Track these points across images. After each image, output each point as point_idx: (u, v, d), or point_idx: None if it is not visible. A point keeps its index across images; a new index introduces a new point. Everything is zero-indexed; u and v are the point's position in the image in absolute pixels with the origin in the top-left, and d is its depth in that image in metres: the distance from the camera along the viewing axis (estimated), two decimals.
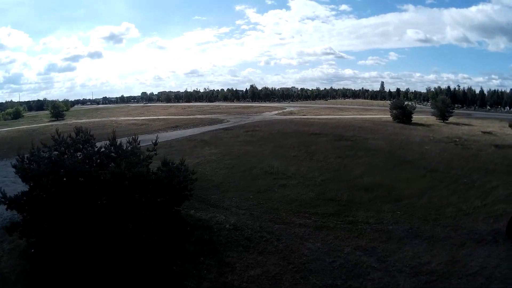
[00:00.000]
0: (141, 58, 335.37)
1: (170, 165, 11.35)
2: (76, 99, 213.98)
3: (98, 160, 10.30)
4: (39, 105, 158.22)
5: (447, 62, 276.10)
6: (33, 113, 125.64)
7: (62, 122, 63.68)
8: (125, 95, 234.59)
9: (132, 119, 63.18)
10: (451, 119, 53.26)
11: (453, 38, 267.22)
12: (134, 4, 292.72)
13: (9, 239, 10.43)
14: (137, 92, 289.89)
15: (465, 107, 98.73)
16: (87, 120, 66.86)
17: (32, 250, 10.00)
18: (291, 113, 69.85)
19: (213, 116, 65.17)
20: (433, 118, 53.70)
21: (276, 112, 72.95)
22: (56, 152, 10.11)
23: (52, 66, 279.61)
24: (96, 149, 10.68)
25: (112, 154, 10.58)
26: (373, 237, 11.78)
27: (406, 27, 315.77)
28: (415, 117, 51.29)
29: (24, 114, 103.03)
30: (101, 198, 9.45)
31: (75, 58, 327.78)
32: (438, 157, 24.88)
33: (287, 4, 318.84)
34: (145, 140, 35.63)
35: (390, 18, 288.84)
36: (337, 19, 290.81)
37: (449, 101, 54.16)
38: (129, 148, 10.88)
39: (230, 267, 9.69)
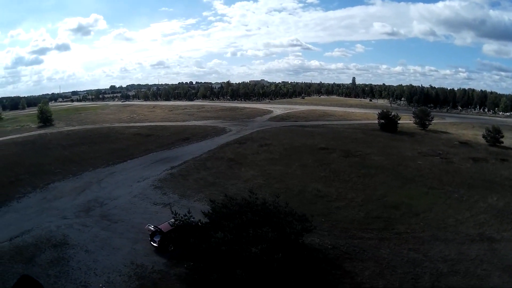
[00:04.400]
0: (108, 50, 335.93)
1: (294, 214, 18.20)
2: (44, 93, 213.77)
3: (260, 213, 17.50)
4: (13, 104, 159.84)
5: (414, 55, 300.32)
6: (10, 113, 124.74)
7: (55, 130, 67.66)
8: (92, 88, 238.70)
9: (130, 127, 67.92)
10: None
11: (420, 32, 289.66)
12: None
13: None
14: (104, 85, 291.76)
15: (438, 108, 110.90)
16: (81, 127, 70.58)
17: None
18: (282, 118, 78.62)
19: (209, 122, 72.12)
20: (414, 125, 64.29)
21: (268, 117, 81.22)
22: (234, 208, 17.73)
23: (20, 59, 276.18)
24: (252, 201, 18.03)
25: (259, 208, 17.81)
26: (414, 242, 20.81)
27: (373, 20, 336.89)
28: None
29: (2, 115, 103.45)
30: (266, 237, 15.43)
31: (43, 51, 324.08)
32: (431, 173, 34.77)
33: None
34: (172, 158, 42.62)
35: (357, 11, 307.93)
36: (304, 11, 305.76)
37: (428, 111, 64.81)
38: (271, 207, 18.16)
39: (352, 273, 17.66)
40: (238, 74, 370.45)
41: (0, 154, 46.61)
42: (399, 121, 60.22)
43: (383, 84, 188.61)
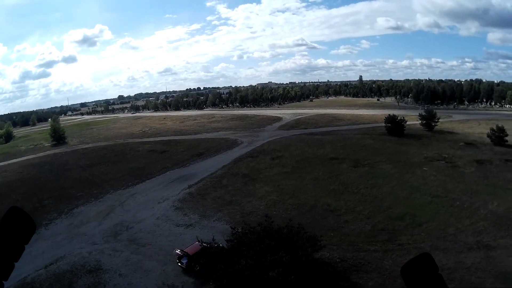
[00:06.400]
0: (115, 59, 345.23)
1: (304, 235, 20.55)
2: (52, 106, 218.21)
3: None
4: (23, 120, 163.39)
5: (420, 48, 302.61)
6: (21, 130, 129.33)
7: (70, 149, 69.80)
8: (100, 98, 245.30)
9: (144, 142, 70.18)
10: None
11: (424, 24, 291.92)
12: (107, 6, 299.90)
13: None
14: (112, 95, 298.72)
15: (444, 104, 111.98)
16: (95, 144, 72.46)
17: None
18: (291, 125, 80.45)
19: (221, 134, 74.20)
20: (420, 127, 65.40)
21: (278, 125, 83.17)
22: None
23: (27, 73, 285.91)
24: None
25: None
26: (415, 252, 22.40)
27: (377, 16, 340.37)
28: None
29: (14, 133, 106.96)
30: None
31: (50, 64, 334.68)
32: (436, 180, 36.76)
33: None
34: (189, 175, 45.10)
35: (361, 7, 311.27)
36: (308, 10, 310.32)
37: (434, 112, 66.11)
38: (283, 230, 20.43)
39: (358, 284, 19.98)
40: (246, 77, 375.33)
41: (20, 177, 49.32)
42: (406, 123, 61.86)
43: (391, 79, 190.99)
